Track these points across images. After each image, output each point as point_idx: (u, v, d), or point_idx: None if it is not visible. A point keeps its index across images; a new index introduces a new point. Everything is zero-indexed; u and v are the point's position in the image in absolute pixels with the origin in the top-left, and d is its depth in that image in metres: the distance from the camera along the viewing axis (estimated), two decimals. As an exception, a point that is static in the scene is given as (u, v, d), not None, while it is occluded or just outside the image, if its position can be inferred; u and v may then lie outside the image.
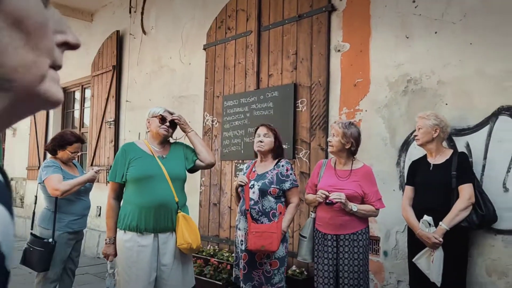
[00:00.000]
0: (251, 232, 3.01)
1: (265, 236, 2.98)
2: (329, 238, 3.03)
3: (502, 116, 3.09)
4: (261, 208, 3.13)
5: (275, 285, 3.11)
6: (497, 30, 3.13)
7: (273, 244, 2.97)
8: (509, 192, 3.02)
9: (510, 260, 2.98)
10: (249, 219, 3.09)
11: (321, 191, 2.98)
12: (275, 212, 3.14)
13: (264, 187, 3.13)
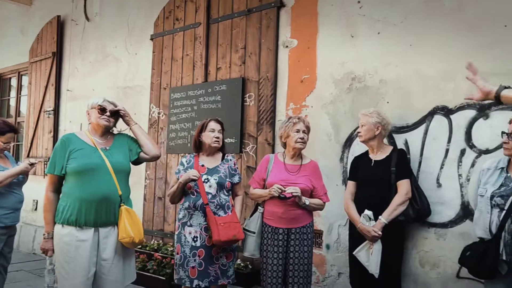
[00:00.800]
0: (218, 224, 3.00)
1: (233, 226, 3.03)
2: (280, 232, 3.06)
3: (437, 115, 3.26)
4: (219, 202, 3.13)
5: (230, 278, 3.15)
6: (435, 33, 3.29)
7: (240, 233, 3.06)
8: (442, 187, 3.20)
9: (441, 251, 3.16)
10: (210, 213, 3.06)
11: (277, 186, 3.00)
12: (228, 204, 3.19)
13: (222, 181, 3.15)
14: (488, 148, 3.02)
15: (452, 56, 3.19)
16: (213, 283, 3.10)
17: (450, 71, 3.19)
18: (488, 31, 3.05)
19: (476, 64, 3.04)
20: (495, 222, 2.53)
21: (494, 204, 2.55)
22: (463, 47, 3.15)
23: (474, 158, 3.07)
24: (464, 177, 3.11)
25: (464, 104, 3.12)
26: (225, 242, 3.02)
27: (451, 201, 3.15)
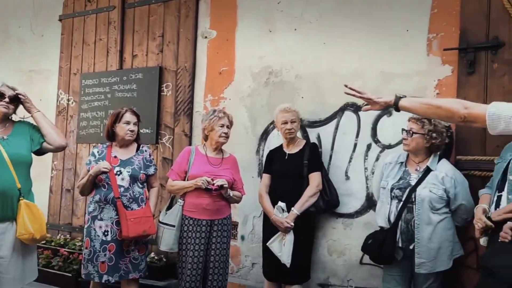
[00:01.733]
0: (128, 219, 2.92)
1: (144, 221, 2.97)
2: (203, 224, 3.05)
3: (347, 111, 3.43)
4: (132, 195, 3.04)
5: (142, 271, 3.09)
6: (346, 33, 3.45)
7: (152, 228, 3.01)
8: (350, 180, 3.39)
9: (347, 240, 3.35)
10: (121, 206, 2.95)
11: (205, 178, 2.97)
12: (142, 197, 3.11)
13: (135, 173, 3.07)
14: (390, 144, 3.24)
15: (361, 56, 3.37)
16: (124, 277, 3.01)
17: (359, 70, 3.38)
18: (393, 34, 3.26)
19: (383, 64, 3.30)
20: (393, 212, 2.74)
21: (393, 196, 2.77)
22: (371, 48, 3.34)
23: (379, 152, 3.29)
24: (369, 170, 3.32)
25: (371, 101, 3.32)
26: (135, 238, 2.95)
27: (357, 192, 3.35)
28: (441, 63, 3.07)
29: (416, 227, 2.64)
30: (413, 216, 2.66)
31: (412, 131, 2.75)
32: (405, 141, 2.80)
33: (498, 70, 2.81)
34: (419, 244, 2.63)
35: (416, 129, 2.74)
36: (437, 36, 3.09)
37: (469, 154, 2.89)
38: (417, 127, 2.74)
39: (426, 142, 2.73)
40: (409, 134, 2.76)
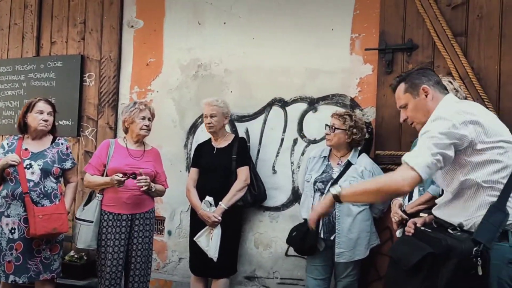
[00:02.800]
0: (36, 216, 2.75)
1: (55, 218, 2.82)
2: (124, 218, 2.96)
3: (275, 106, 3.49)
4: (43, 190, 2.87)
5: (54, 272, 2.93)
6: (274, 29, 3.49)
7: (64, 225, 2.87)
8: (277, 174, 3.46)
9: (273, 233, 3.43)
10: (29, 202, 2.78)
11: (115, 176, 2.86)
12: (56, 193, 2.96)
13: (48, 167, 2.91)
14: (315, 139, 3.35)
15: (289, 53, 3.44)
16: (34, 279, 2.84)
17: (286, 66, 3.44)
18: (319, 33, 3.36)
19: (308, 61, 3.39)
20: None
21: (316, 189, 2.87)
22: (298, 45, 3.41)
23: (304, 147, 3.39)
24: (295, 164, 3.41)
25: (297, 97, 3.41)
26: (43, 236, 2.79)
27: (283, 186, 3.42)
28: (362, 62, 3.22)
29: (337, 219, 2.76)
30: (334, 208, 2.78)
31: (334, 126, 2.86)
32: (328, 136, 2.90)
33: (412, 71, 3.00)
34: (339, 234, 2.75)
35: (338, 125, 2.86)
36: (359, 36, 3.23)
37: (386, 149, 3.06)
38: (339, 123, 2.86)
39: (347, 137, 2.86)
40: (331, 129, 2.87)
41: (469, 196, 1.76)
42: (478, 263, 1.60)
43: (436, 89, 1.92)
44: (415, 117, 1.96)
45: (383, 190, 1.78)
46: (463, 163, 1.75)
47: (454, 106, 1.83)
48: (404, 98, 1.97)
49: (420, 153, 1.71)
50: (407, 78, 1.98)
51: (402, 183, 1.70)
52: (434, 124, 1.75)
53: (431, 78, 1.95)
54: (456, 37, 2.88)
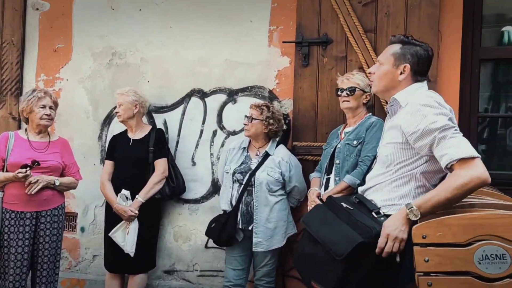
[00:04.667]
0: None
1: None
2: (28, 216, 2.75)
3: (194, 97, 3.44)
4: None
5: None
6: (194, 19, 3.42)
7: None
8: (196, 165, 3.42)
9: (193, 225, 3.39)
10: None
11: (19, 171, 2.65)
12: None
13: None
14: (235, 130, 3.35)
15: (208, 43, 3.39)
16: None
17: (205, 56, 3.40)
18: (238, 24, 3.35)
19: (228, 53, 3.37)
20: (235, 195, 2.85)
21: (235, 180, 2.88)
22: (217, 36, 3.38)
23: (224, 138, 3.37)
24: (215, 156, 3.39)
25: (216, 88, 3.38)
26: None
27: (203, 178, 3.39)
28: (280, 55, 3.27)
29: (255, 209, 2.80)
30: (253, 198, 2.81)
31: (252, 117, 2.89)
32: (246, 127, 2.92)
33: (327, 64, 3.11)
34: (257, 224, 2.79)
35: (256, 115, 2.88)
36: (277, 28, 3.28)
37: (303, 140, 3.15)
38: (256, 113, 2.89)
39: (264, 128, 2.89)
40: (249, 120, 2.89)
41: (402, 182, 1.86)
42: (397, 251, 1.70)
43: (414, 77, 1.91)
44: (378, 81, 1.99)
45: (469, 191, 1.65)
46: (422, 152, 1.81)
47: (432, 99, 1.82)
48: (386, 58, 1.96)
49: (458, 143, 1.69)
50: (405, 46, 1.93)
51: (486, 174, 1.64)
52: (441, 118, 1.74)
53: (420, 64, 1.91)
54: (366, 33, 3.02)
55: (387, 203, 1.87)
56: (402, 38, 1.96)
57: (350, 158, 2.58)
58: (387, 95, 2.01)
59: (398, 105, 1.91)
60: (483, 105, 3.32)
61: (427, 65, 1.95)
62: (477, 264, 1.53)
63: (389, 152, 1.90)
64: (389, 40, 2.03)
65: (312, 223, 1.98)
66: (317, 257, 1.88)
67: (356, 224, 1.81)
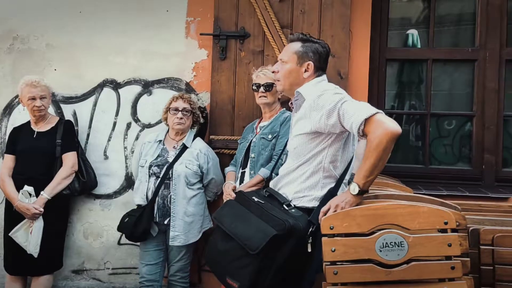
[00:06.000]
0: None
1: None
2: None
3: (107, 88, 3.27)
4: None
5: None
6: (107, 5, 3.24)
7: None
8: (109, 159, 3.26)
9: (105, 221, 3.23)
10: None
11: None
12: None
13: None
14: (150, 123, 3.25)
15: (122, 32, 3.24)
16: None
17: (119, 45, 3.24)
18: (155, 13, 3.24)
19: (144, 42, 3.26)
20: (151, 189, 2.77)
21: (151, 173, 2.80)
22: (133, 24, 3.24)
23: (138, 131, 3.25)
24: (129, 149, 3.25)
25: (131, 79, 3.25)
26: None
27: (116, 172, 3.25)
28: (198, 47, 3.22)
29: (172, 202, 2.74)
30: (170, 192, 2.75)
31: (187, 109, 2.85)
32: (181, 121, 2.84)
33: (244, 58, 3.12)
34: (175, 218, 2.74)
35: (189, 108, 2.87)
36: (194, 20, 3.21)
37: (220, 134, 3.14)
38: (189, 106, 2.87)
39: (194, 120, 2.93)
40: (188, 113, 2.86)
41: (311, 173, 1.91)
42: (309, 242, 1.77)
43: (316, 73, 2.00)
44: (283, 79, 2.03)
45: (386, 147, 1.68)
46: (329, 138, 1.88)
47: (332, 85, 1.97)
48: (289, 56, 2.01)
49: (356, 108, 1.76)
50: (306, 44, 2.00)
51: (393, 125, 1.69)
52: (338, 95, 1.85)
53: (321, 61, 2.01)
54: (283, 29, 3.07)
55: (298, 195, 1.93)
56: (301, 36, 2.03)
57: (265, 152, 2.62)
58: (291, 93, 2.07)
59: (302, 99, 1.97)
60: (390, 102, 3.56)
61: (326, 60, 2.05)
62: (378, 252, 1.63)
63: (297, 144, 1.95)
64: (288, 39, 2.10)
65: (225, 219, 1.99)
66: (231, 253, 1.88)
67: (269, 217, 1.84)
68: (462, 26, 3.40)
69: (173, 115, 2.84)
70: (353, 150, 2.00)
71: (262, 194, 2.03)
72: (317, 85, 1.98)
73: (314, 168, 1.91)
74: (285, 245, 1.78)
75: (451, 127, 3.39)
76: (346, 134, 1.89)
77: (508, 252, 1.77)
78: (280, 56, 2.07)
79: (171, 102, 2.87)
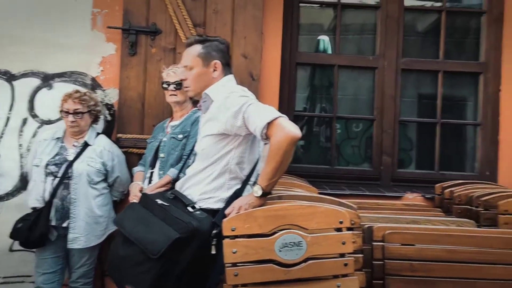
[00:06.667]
0: None
1: None
2: None
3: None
4: None
5: None
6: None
7: None
8: (1, 158, 2.99)
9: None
10: None
11: None
12: None
13: None
14: (50, 119, 3.03)
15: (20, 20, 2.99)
16: None
17: (16, 34, 2.99)
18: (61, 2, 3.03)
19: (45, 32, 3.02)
20: (48, 190, 2.59)
21: (48, 173, 2.61)
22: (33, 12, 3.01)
23: (36, 128, 3.02)
24: (24, 147, 3.01)
25: (28, 71, 3.00)
26: None
27: (9, 172, 2.99)
28: (105, 40, 3.06)
29: (72, 203, 2.58)
30: (69, 192, 2.59)
31: (78, 111, 2.66)
32: (74, 123, 2.66)
33: (155, 55, 3.03)
34: (75, 219, 2.58)
35: (82, 109, 2.67)
36: (101, 12, 3.05)
37: (128, 132, 3.01)
38: (82, 107, 2.67)
39: (93, 118, 2.76)
40: (78, 116, 2.67)
41: (217, 175, 1.90)
42: (213, 243, 1.76)
43: (224, 70, 2.00)
44: (193, 84, 2.00)
45: (287, 151, 1.71)
46: (236, 140, 1.88)
47: (239, 87, 1.98)
48: (193, 61, 1.98)
49: (261, 112, 1.77)
50: (206, 44, 1.99)
51: (293, 129, 1.71)
52: (244, 97, 1.85)
53: (226, 57, 2.02)
54: (196, 27, 3.03)
55: (203, 197, 1.92)
56: (198, 39, 2.04)
57: (175, 152, 2.57)
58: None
59: (210, 100, 1.97)
60: (303, 104, 3.69)
61: (229, 55, 2.08)
62: (277, 252, 1.67)
63: (205, 145, 1.94)
64: (185, 44, 2.08)
65: (126, 223, 1.93)
66: (132, 259, 1.83)
67: (173, 220, 1.81)
68: (365, 35, 3.63)
69: (65, 117, 2.67)
70: (259, 152, 2.04)
71: (167, 196, 2.00)
72: (225, 85, 1.99)
73: (221, 170, 1.92)
74: (188, 248, 1.77)
75: (358, 129, 3.60)
76: (252, 136, 1.91)
77: (395, 248, 1.91)
78: (183, 63, 2.05)
79: (62, 103, 2.69)
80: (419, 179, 3.38)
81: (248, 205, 1.79)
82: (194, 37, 2.06)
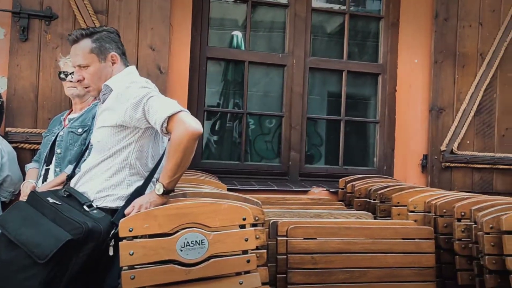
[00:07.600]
0: None
1: None
2: None
3: None
4: None
5: None
6: None
7: None
8: None
9: None
10: None
11: None
12: None
13: None
14: None
15: None
16: None
17: None
18: None
19: None
20: None
21: None
22: None
23: None
24: None
25: None
26: None
27: None
28: (-7, 25, 2.76)
29: None
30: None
31: None
32: None
33: (51, 42, 2.79)
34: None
35: None
36: (-12, -8, 2.74)
37: (19, 126, 2.75)
38: None
39: None
40: None
41: (116, 170, 1.79)
42: (110, 244, 1.66)
43: (122, 60, 1.91)
44: (94, 83, 1.86)
45: (188, 147, 1.65)
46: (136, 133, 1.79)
47: (142, 78, 1.90)
48: (87, 58, 1.83)
49: (162, 105, 1.70)
50: (95, 37, 1.84)
51: (194, 125, 1.65)
52: (145, 89, 1.77)
53: (120, 47, 1.92)
54: (97, 14, 2.85)
55: (100, 195, 1.79)
56: (83, 32, 1.88)
57: (73, 148, 2.37)
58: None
59: (110, 91, 1.85)
60: (216, 100, 3.63)
61: (122, 44, 1.97)
62: (179, 252, 1.61)
63: (101, 137, 1.82)
64: (70, 41, 1.90)
65: (10, 225, 1.72)
66: (15, 264, 1.65)
67: (65, 220, 1.67)
68: (275, 33, 3.68)
69: None
70: (163, 147, 1.95)
71: (60, 194, 1.83)
72: (126, 76, 1.89)
73: (120, 165, 1.80)
74: (82, 250, 1.64)
75: (271, 125, 3.65)
76: (155, 130, 1.83)
77: (297, 242, 1.94)
78: (75, 62, 1.87)
79: None
80: (325, 174, 3.52)
81: (150, 203, 1.70)
82: (77, 31, 1.87)
